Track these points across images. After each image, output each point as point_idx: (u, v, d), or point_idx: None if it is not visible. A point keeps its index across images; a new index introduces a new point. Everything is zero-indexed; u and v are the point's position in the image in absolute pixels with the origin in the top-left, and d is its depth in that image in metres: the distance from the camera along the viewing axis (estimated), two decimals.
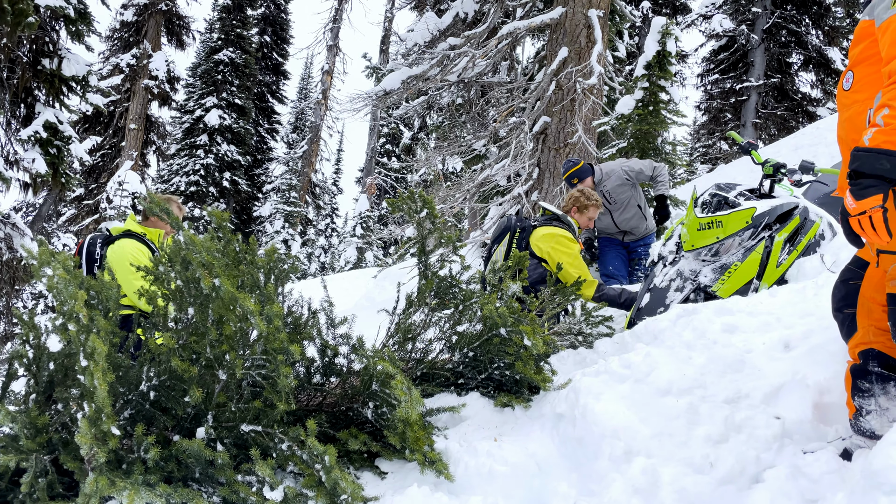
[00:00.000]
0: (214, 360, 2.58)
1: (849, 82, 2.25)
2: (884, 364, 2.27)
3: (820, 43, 17.54)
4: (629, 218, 5.98)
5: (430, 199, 3.17)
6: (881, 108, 1.88)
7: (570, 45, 7.76)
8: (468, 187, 7.60)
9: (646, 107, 6.26)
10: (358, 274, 18.63)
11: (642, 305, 4.27)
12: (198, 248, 2.31)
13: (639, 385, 2.77)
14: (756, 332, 3.11)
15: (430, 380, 3.24)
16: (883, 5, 2.01)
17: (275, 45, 35.15)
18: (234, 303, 2.43)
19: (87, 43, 9.07)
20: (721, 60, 18.69)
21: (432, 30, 8.19)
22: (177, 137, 28.39)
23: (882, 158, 1.83)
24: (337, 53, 28.77)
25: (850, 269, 2.45)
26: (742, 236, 4.02)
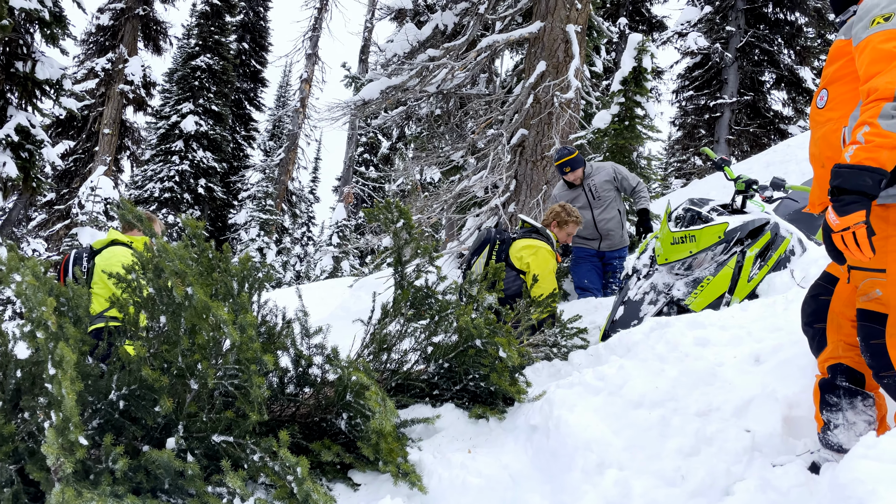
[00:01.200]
0: (186, 370, 2.55)
1: (823, 100, 2.29)
2: (851, 379, 2.31)
3: (792, 62, 17.93)
4: (609, 219, 6.00)
5: (406, 210, 3.18)
6: (861, 126, 1.91)
7: (549, 59, 7.84)
8: (445, 198, 7.61)
9: (622, 122, 6.35)
10: (334, 283, 18.53)
11: (616, 318, 4.31)
12: (171, 256, 2.29)
13: (612, 397, 2.79)
14: (727, 346, 3.15)
15: (405, 391, 3.23)
16: (861, 24, 2.05)
17: (253, 53, 34.98)
18: (207, 311, 2.40)
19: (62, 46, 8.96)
20: (696, 77, 19.01)
21: (412, 41, 8.22)
22: (152, 143, 28.08)
23: (864, 175, 1.86)
24: (316, 62, 28.73)
25: (820, 285, 2.49)
26: (714, 251, 4.07)
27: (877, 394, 2.31)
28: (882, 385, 2.14)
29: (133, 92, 18.32)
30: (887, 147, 1.85)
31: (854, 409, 2.29)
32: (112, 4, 19.23)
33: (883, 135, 1.86)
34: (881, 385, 2.15)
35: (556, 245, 4.84)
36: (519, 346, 3.25)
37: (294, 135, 28.59)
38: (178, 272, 2.29)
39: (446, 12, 8.37)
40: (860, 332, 2.16)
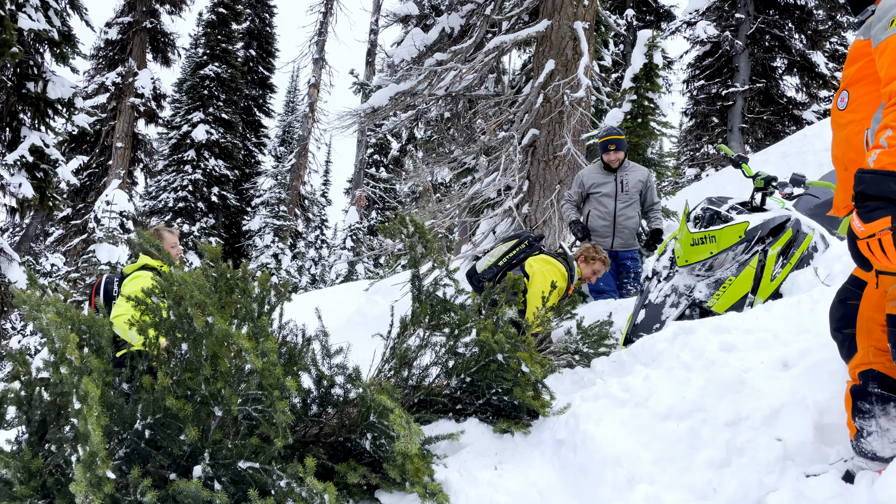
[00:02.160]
0: (210, 397, 2.55)
1: (843, 102, 2.24)
2: (884, 385, 2.26)
3: (803, 47, 17.69)
4: (629, 217, 6.00)
5: (421, 224, 3.15)
6: (884, 130, 1.86)
7: (557, 57, 7.79)
8: (458, 201, 7.59)
9: (634, 119, 6.29)
10: (349, 287, 18.58)
11: (638, 322, 4.26)
12: (190, 287, 2.28)
13: (638, 409, 2.75)
14: (753, 351, 3.10)
15: (428, 406, 3.21)
16: (880, 25, 2.00)
17: (260, 59, 35.12)
18: (229, 339, 2.39)
19: (72, 65, 9.01)
20: (706, 66, 18.81)
21: (419, 45, 8.19)
22: (164, 153, 28.27)
23: (888, 180, 1.81)
24: (323, 66, 28.79)
25: (848, 289, 2.44)
26: (735, 251, 4.02)
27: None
28: None
29: (144, 105, 18.45)
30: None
31: (887, 415, 2.25)
32: (119, 18, 19.37)
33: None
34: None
35: (577, 283, 4.92)
36: (541, 358, 3.22)
37: (304, 140, 28.68)
38: (199, 303, 2.28)
39: (452, 15, 8.33)
40: (891, 339, 2.11)
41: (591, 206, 6.07)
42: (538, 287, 4.50)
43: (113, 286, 4.23)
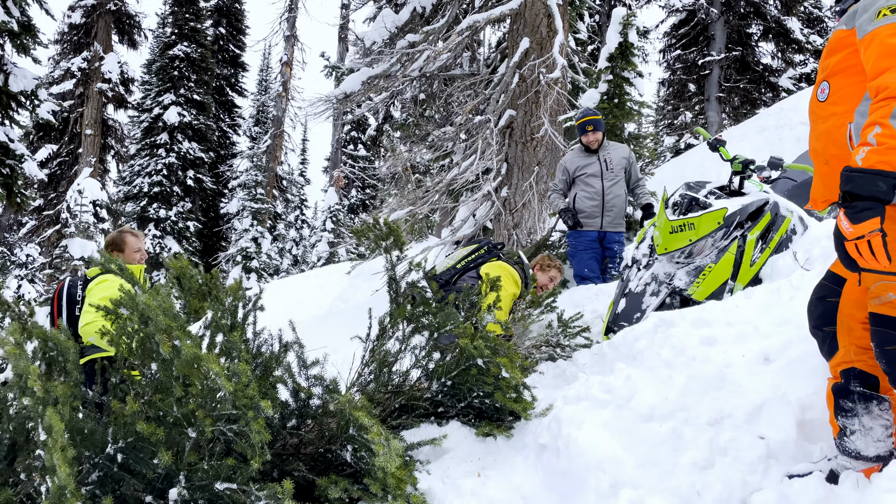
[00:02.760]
0: (182, 418, 2.48)
1: (824, 93, 2.18)
2: (866, 383, 2.25)
3: (778, 13, 17.63)
4: (617, 195, 5.97)
5: (396, 227, 3.08)
6: (871, 126, 1.81)
7: (532, 35, 7.66)
8: (438, 187, 7.49)
9: (611, 100, 6.21)
10: (331, 270, 18.46)
11: (619, 311, 4.23)
12: (155, 312, 2.19)
13: (621, 411, 2.73)
14: (734, 344, 3.08)
15: (410, 411, 3.17)
16: (866, 16, 1.94)
17: (231, 37, 34.40)
18: (198, 361, 2.32)
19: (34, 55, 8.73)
20: (682, 35, 18.70)
21: (390, 27, 8.00)
22: (136, 137, 27.70)
23: (878, 180, 1.77)
24: (295, 44, 28.26)
25: (826, 286, 2.41)
26: (715, 237, 3.99)
27: (892, 396, 2.26)
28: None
29: (112, 90, 18.01)
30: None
31: (870, 413, 2.24)
32: (83, 1, 18.79)
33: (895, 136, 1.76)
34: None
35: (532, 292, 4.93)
36: (522, 360, 3.17)
37: (279, 119, 28.25)
38: (164, 328, 2.20)
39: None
40: (874, 338, 2.09)
41: (578, 188, 6.01)
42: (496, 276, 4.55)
43: (76, 290, 4.07)
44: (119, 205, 25.53)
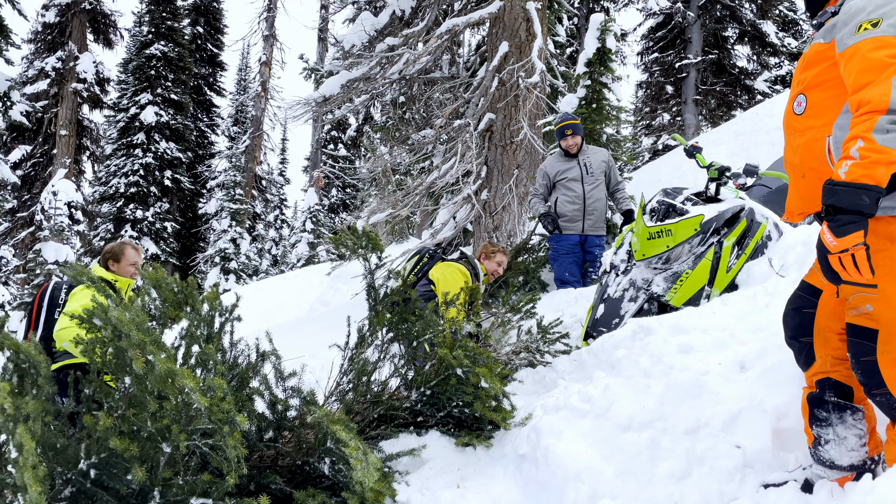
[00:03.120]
0: (157, 433, 2.44)
1: (801, 106, 2.18)
2: (840, 393, 2.27)
3: (753, 16, 17.84)
4: (598, 198, 6.00)
5: (374, 236, 3.06)
6: (853, 140, 1.81)
7: (511, 39, 7.67)
8: (418, 190, 7.48)
9: (589, 104, 6.24)
10: (311, 271, 18.38)
11: (598, 317, 4.25)
12: (128, 327, 2.16)
13: (599, 420, 2.74)
14: (711, 351, 3.10)
15: (389, 421, 3.15)
16: (846, 30, 1.95)
17: (209, 36, 34.04)
18: (173, 376, 2.28)
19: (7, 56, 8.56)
20: (660, 38, 18.87)
21: (369, 30, 7.97)
22: (112, 137, 27.32)
23: (861, 193, 1.78)
24: (274, 43, 28.07)
25: (802, 297, 2.42)
26: (691, 243, 4.02)
27: (865, 405, 2.28)
28: (875, 402, 2.11)
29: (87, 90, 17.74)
30: (883, 163, 1.76)
31: (844, 423, 2.26)
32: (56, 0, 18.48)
33: (879, 150, 1.76)
34: (873, 402, 2.12)
35: (485, 280, 5.17)
36: (501, 367, 3.17)
37: (258, 120, 28.04)
38: (138, 343, 2.16)
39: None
40: (850, 349, 2.10)
41: (559, 192, 6.03)
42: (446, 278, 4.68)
43: (60, 293, 4.05)
44: (94, 206, 25.19)
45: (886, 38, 1.84)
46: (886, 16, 1.86)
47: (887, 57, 1.81)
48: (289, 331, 7.60)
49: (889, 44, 1.83)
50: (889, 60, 1.80)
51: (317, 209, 26.98)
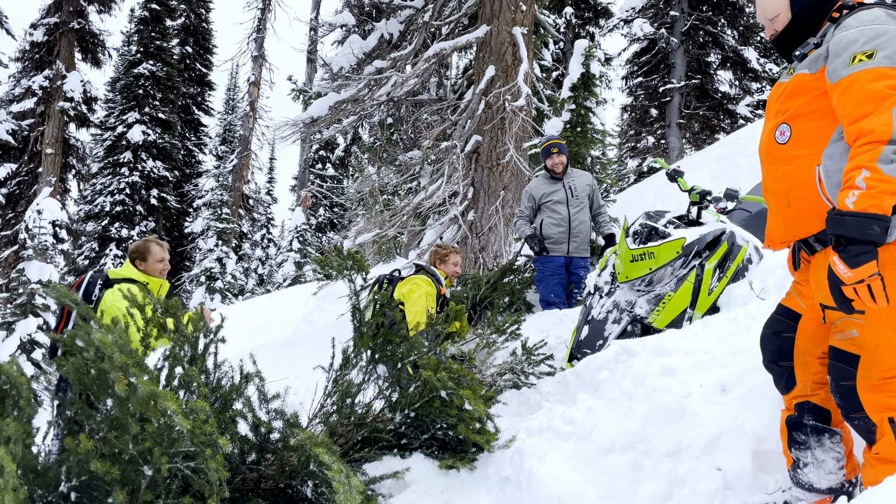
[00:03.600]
0: (138, 456, 2.43)
1: (784, 136, 2.20)
2: (818, 416, 2.30)
3: (735, 43, 18.18)
4: (582, 221, 6.05)
5: (359, 257, 3.08)
6: (857, 170, 1.83)
7: (497, 63, 7.77)
8: (405, 210, 7.52)
9: (574, 128, 6.32)
10: (297, 290, 18.30)
11: (582, 338, 4.28)
12: (110, 349, 2.16)
13: (582, 443, 2.75)
14: (693, 374, 3.13)
15: (372, 443, 3.15)
16: (839, 61, 1.98)
17: (198, 56, 34.17)
18: (155, 398, 2.28)
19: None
20: (644, 62, 19.17)
21: (357, 53, 8.05)
22: (98, 155, 27.25)
23: (872, 223, 1.80)
24: (263, 64, 28.20)
25: (780, 321, 2.44)
26: (674, 266, 4.07)
27: (843, 428, 2.31)
28: (853, 426, 2.13)
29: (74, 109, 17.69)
30: (890, 193, 1.79)
31: (822, 446, 2.29)
32: (45, 19, 18.48)
33: (885, 180, 1.79)
34: (851, 426, 2.14)
35: (447, 283, 5.24)
36: (486, 389, 3.18)
37: (246, 139, 28.07)
38: (120, 366, 2.16)
39: (391, 21, 8.22)
40: (831, 372, 2.12)
41: (545, 214, 6.09)
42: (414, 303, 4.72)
43: (94, 289, 4.15)
44: (79, 224, 25.03)
45: (883, 69, 1.88)
46: (880, 48, 1.90)
47: (886, 88, 1.85)
48: (274, 351, 7.56)
49: (886, 75, 1.87)
50: (888, 91, 1.84)
51: (304, 228, 26.94)
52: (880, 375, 1.95)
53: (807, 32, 2.22)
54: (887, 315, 1.94)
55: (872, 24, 1.96)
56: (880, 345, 1.95)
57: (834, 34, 2.05)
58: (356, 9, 9.20)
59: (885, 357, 1.94)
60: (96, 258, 24.91)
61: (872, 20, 1.97)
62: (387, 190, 12.08)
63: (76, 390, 2.70)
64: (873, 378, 1.97)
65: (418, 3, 8.33)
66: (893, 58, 1.88)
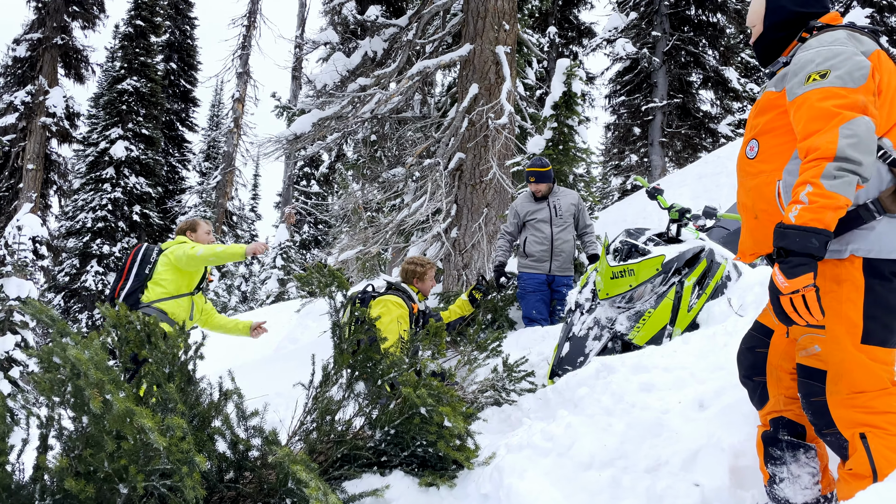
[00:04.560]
0: (114, 474, 2.40)
1: (753, 151, 2.27)
2: (793, 432, 2.32)
3: (716, 63, 18.48)
4: (565, 240, 6.08)
5: (340, 274, 3.08)
6: (803, 185, 1.89)
7: (480, 81, 7.84)
8: (388, 227, 7.53)
9: (556, 146, 6.39)
10: (280, 308, 18.22)
11: (563, 355, 4.30)
12: (86, 366, 2.14)
13: (561, 459, 2.75)
14: (672, 390, 3.15)
15: (352, 461, 3.13)
16: (796, 80, 2.04)
17: (182, 72, 34.14)
18: (131, 415, 2.26)
19: None
20: (627, 82, 19.41)
21: (341, 70, 8.10)
22: (80, 171, 27.02)
23: (811, 236, 1.85)
24: (247, 80, 28.21)
25: (755, 336, 2.48)
26: (654, 283, 4.10)
27: (818, 444, 2.33)
28: (825, 442, 2.15)
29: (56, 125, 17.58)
30: (831, 208, 1.85)
31: (798, 462, 2.31)
32: (28, 35, 18.40)
33: (826, 195, 1.85)
34: (824, 441, 2.16)
35: (419, 295, 5.08)
36: (466, 406, 3.18)
37: (230, 156, 27.99)
38: (96, 383, 2.14)
39: (375, 38, 8.28)
40: (801, 389, 2.16)
41: (528, 232, 6.13)
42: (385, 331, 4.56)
43: (152, 254, 4.71)
44: (60, 241, 24.76)
45: (833, 88, 1.94)
46: (834, 68, 1.97)
47: (834, 107, 1.91)
48: (255, 369, 7.51)
49: (836, 94, 1.93)
50: (836, 110, 1.90)
51: (288, 245, 26.85)
52: (848, 390, 1.98)
53: (776, 48, 2.29)
54: (846, 330, 1.98)
55: (831, 45, 2.02)
56: (843, 359, 1.98)
57: (797, 54, 2.11)
58: (340, 26, 9.27)
59: (851, 371, 1.98)
60: (77, 275, 24.62)
61: (832, 41, 2.03)
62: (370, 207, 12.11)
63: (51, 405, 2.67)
64: (842, 392, 2.00)
65: (402, 21, 8.41)
66: (845, 78, 1.94)
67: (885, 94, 2.01)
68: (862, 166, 1.85)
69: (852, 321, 1.98)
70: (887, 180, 2.00)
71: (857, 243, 1.99)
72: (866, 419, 1.96)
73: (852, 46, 2.01)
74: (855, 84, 1.93)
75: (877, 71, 1.99)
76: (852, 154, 1.84)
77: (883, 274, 1.97)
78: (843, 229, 1.99)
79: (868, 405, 1.97)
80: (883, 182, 2.00)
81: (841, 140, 1.86)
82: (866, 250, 1.98)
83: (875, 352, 1.98)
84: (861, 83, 1.93)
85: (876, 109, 1.95)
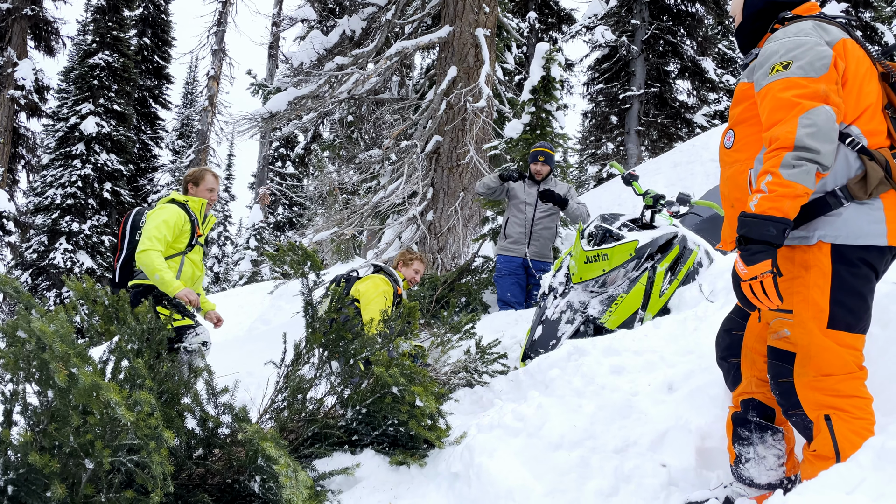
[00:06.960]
0: (80, 449, 2.36)
1: (730, 141, 2.32)
2: (762, 414, 2.37)
3: (694, 53, 18.59)
4: (547, 227, 6.09)
5: (312, 253, 3.05)
6: (764, 175, 1.93)
7: (459, 64, 7.80)
8: (364, 209, 7.48)
9: (533, 131, 6.38)
10: (253, 289, 18.05)
11: (536, 338, 4.32)
12: (51, 338, 2.10)
13: (532, 439, 2.77)
14: (642, 373, 3.19)
15: (323, 439, 3.12)
16: (762, 71, 2.08)
17: (156, 48, 33.41)
18: (98, 390, 2.22)
19: None
20: (605, 69, 19.45)
21: (318, 49, 7.99)
22: (50, 147, 26.40)
23: (769, 224, 1.89)
24: (223, 58, 27.72)
25: (733, 319, 2.53)
26: (627, 268, 4.14)
27: (786, 427, 2.38)
28: (791, 423, 2.20)
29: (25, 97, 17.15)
30: (789, 196, 1.89)
31: (764, 443, 2.35)
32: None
33: (784, 184, 1.89)
34: (790, 422, 2.21)
35: (405, 285, 5.25)
36: (439, 387, 3.19)
37: (204, 134, 27.56)
38: (61, 356, 2.10)
39: (353, 17, 8.18)
40: (770, 370, 2.20)
41: (510, 212, 6.14)
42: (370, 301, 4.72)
43: (141, 217, 4.53)
44: (28, 217, 24.24)
45: (795, 78, 1.97)
46: (796, 58, 1.99)
47: (794, 97, 1.94)
48: (226, 348, 7.44)
49: (797, 84, 1.96)
50: (795, 100, 1.94)
51: (261, 226, 26.59)
52: (815, 373, 2.03)
53: (754, 38, 2.32)
54: (813, 315, 2.02)
55: (795, 35, 2.05)
56: (811, 342, 2.03)
57: (766, 45, 2.14)
58: (319, 3, 9.13)
59: (818, 354, 2.02)
60: (45, 251, 24.13)
61: (796, 32, 2.06)
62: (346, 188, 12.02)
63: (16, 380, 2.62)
64: (809, 375, 2.04)
65: (381, 0, 8.31)
66: (807, 68, 1.97)
67: (851, 83, 2.04)
68: (820, 154, 1.88)
69: (819, 306, 2.01)
70: (855, 167, 2.03)
71: (824, 229, 2.03)
72: (832, 402, 2.01)
73: (816, 36, 2.04)
74: (816, 73, 1.96)
75: (840, 59, 2.02)
76: (811, 143, 1.88)
77: (850, 260, 2.01)
78: (811, 216, 2.03)
79: (834, 388, 2.01)
80: (851, 169, 2.03)
81: (800, 130, 1.90)
82: (833, 236, 2.02)
83: (842, 336, 2.02)
84: (822, 73, 1.96)
85: (839, 98, 1.98)
